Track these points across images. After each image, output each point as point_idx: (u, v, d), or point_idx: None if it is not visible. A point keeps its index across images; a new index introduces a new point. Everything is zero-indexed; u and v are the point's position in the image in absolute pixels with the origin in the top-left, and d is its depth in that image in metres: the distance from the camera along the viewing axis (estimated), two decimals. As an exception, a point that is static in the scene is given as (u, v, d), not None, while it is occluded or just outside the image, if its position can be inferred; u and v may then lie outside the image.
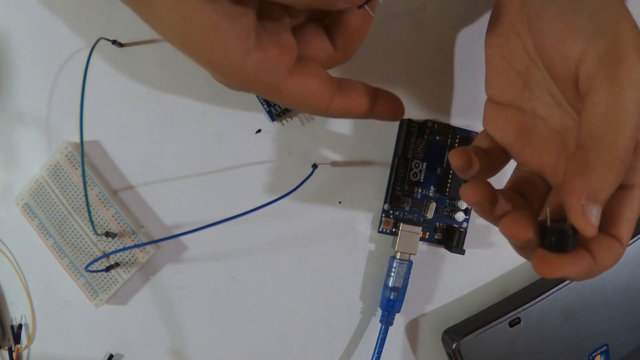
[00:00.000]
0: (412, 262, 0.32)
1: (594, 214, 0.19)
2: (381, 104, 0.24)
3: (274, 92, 0.22)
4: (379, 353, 0.32)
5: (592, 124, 0.19)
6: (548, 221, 0.21)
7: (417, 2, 0.32)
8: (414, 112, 0.33)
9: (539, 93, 0.24)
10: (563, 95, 0.22)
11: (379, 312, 0.33)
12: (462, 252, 0.32)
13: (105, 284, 0.34)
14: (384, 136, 0.33)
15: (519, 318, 0.31)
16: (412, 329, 0.34)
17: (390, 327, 0.33)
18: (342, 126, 0.33)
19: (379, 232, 0.33)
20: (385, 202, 0.32)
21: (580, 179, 0.19)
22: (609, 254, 0.20)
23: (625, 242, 0.20)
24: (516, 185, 0.24)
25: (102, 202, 0.33)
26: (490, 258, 0.33)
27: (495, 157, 0.25)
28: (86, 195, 0.32)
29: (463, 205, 0.32)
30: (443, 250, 0.33)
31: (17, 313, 0.36)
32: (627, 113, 0.18)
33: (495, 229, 0.33)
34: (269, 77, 0.21)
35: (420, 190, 0.32)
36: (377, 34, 0.32)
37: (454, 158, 0.23)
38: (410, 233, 0.32)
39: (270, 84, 0.21)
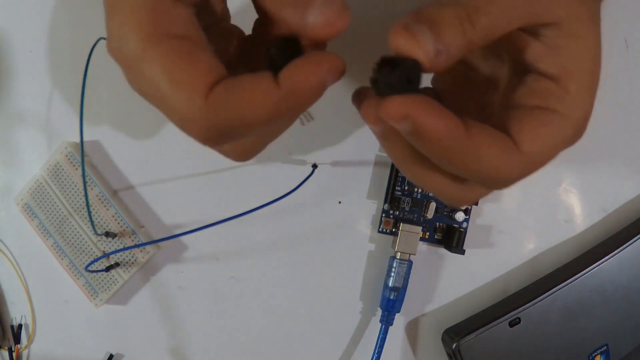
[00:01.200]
0: (412, 262, 0.32)
1: (424, 34, 0.16)
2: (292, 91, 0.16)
3: (133, 53, 0.16)
4: (379, 353, 0.32)
5: None
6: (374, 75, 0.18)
7: (417, 2, 0.32)
8: (414, 112, 0.33)
9: (490, 59, 0.23)
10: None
11: (379, 312, 0.33)
12: (462, 252, 0.32)
13: (105, 284, 0.34)
14: (384, 136, 0.33)
15: (519, 318, 0.31)
16: (412, 329, 0.34)
17: (390, 327, 0.33)
18: (342, 126, 0.33)
19: (379, 232, 0.33)
20: (385, 202, 0.32)
21: (418, 8, 0.17)
22: (494, 144, 0.17)
23: (527, 153, 0.18)
24: None
25: (102, 202, 0.33)
26: (490, 258, 0.33)
27: None
28: (86, 195, 0.32)
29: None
30: (443, 250, 0.33)
31: (17, 313, 0.36)
32: None
33: (496, 229, 0.33)
34: (145, 25, 0.16)
35: (420, 190, 0.32)
36: (377, 34, 0.32)
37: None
38: (410, 233, 0.32)
39: (140, 34, 0.16)
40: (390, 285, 0.32)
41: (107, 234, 0.33)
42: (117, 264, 0.33)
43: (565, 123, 0.18)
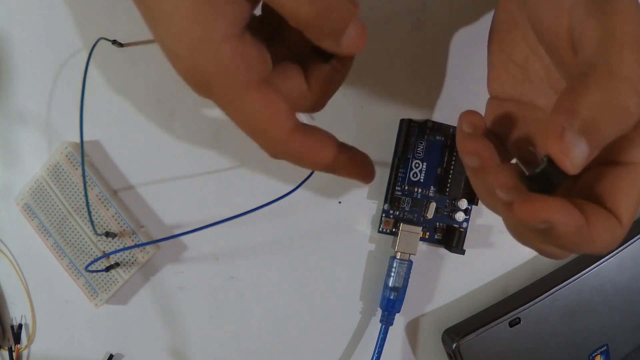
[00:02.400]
0: (412, 262, 0.32)
1: (577, 145, 0.16)
2: (348, 158, 0.22)
3: (235, 97, 0.19)
4: (379, 353, 0.32)
5: (587, 56, 0.17)
6: (522, 168, 0.19)
7: (417, 2, 0.32)
8: (414, 112, 0.33)
9: (537, 83, 0.23)
10: (560, 65, 0.21)
11: (379, 312, 0.33)
12: (462, 252, 0.32)
13: (105, 284, 0.34)
14: (384, 136, 0.33)
15: (519, 318, 0.31)
16: (412, 329, 0.34)
17: (390, 327, 0.33)
18: (342, 126, 0.33)
19: (379, 232, 0.33)
20: (385, 202, 0.32)
21: (568, 98, 0.16)
22: (605, 227, 0.18)
23: (625, 221, 0.18)
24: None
25: (102, 202, 0.33)
26: (490, 258, 0.33)
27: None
28: (86, 195, 0.32)
29: (463, 205, 0.32)
30: (443, 250, 0.33)
31: (17, 313, 0.36)
32: (623, 35, 0.16)
33: (496, 229, 0.33)
34: (239, 75, 0.19)
35: (420, 190, 0.32)
36: (377, 34, 0.32)
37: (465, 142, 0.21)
38: (410, 233, 0.32)
39: (237, 84, 0.19)
40: (390, 285, 0.32)
41: (107, 234, 0.33)
42: (117, 264, 0.33)
43: None
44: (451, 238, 0.32)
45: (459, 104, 0.33)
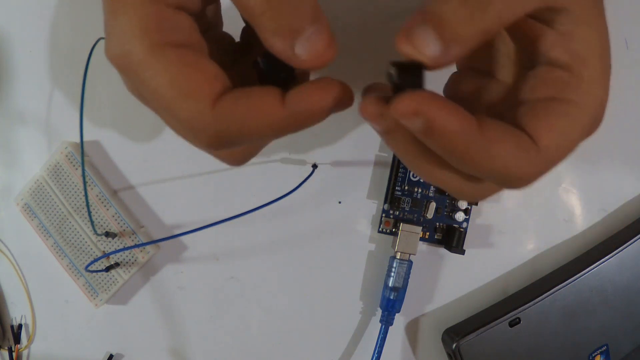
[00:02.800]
0: (412, 262, 0.32)
1: (423, 36, 0.16)
2: (304, 108, 0.18)
3: (147, 61, 0.16)
4: (379, 353, 0.32)
5: None
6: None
7: (417, 2, 0.32)
8: (414, 112, 0.33)
9: (498, 57, 0.22)
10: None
11: (379, 312, 0.33)
12: (462, 252, 0.32)
13: (105, 284, 0.34)
14: (384, 136, 0.33)
15: (519, 318, 0.31)
16: (412, 329, 0.34)
17: (390, 327, 0.33)
18: (342, 126, 0.33)
19: (379, 232, 0.33)
20: (385, 202, 0.32)
21: (421, 5, 0.16)
22: (510, 140, 0.17)
23: (545, 149, 0.17)
24: None
25: (102, 202, 0.33)
26: (490, 258, 0.33)
27: None
28: (86, 195, 0.32)
29: (463, 205, 0.32)
30: (443, 250, 0.33)
31: (17, 313, 0.36)
32: None
33: (496, 229, 0.33)
34: (152, 35, 0.16)
35: (420, 190, 0.32)
36: (377, 34, 0.32)
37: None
38: (410, 233, 0.32)
39: (149, 44, 0.16)
40: (390, 285, 0.32)
41: (107, 234, 0.33)
42: (117, 264, 0.33)
43: (582, 112, 0.18)
44: (451, 238, 0.32)
45: (459, 104, 0.33)
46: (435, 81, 0.22)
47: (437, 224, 0.33)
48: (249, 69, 0.19)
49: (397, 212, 0.32)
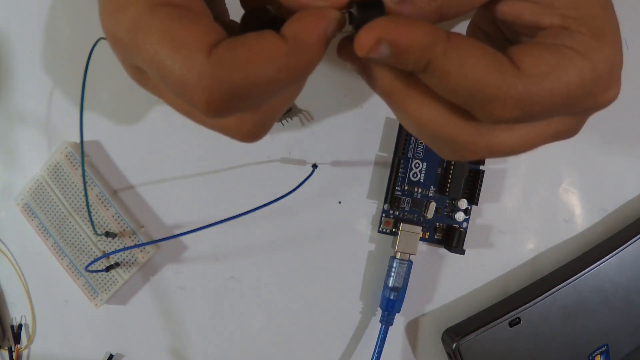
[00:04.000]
0: (412, 262, 0.32)
1: None
2: (305, 48, 0.16)
3: (141, 21, 0.15)
4: (379, 353, 0.32)
5: None
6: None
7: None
8: (414, 112, 0.33)
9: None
10: None
11: (379, 312, 0.33)
12: (462, 252, 0.32)
13: (105, 284, 0.34)
14: (384, 136, 0.33)
15: (519, 318, 0.31)
16: (412, 329, 0.34)
17: (390, 327, 0.33)
18: (342, 126, 0.33)
19: (379, 232, 0.33)
20: (385, 202, 0.32)
21: None
22: (483, 55, 0.16)
23: (527, 72, 0.16)
24: None
25: (102, 202, 0.33)
26: (490, 258, 0.33)
27: None
28: (86, 195, 0.32)
29: (463, 205, 0.32)
30: (443, 250, 0.33)
31: (17, 313, 0.36)
32: None
33: (496, 229, 0.33)
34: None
35: (420, 190, 0.32)
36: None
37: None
38: (410, 233, 0.32)
39: (141, 4, 0.15)
40: (390, 285, 0.32)
41: (107, 234, 0.33)
42: (117, 264, 0.33)
43: (582, 60, 0.16)
44: (451, 238, 0.32)
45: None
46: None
47: (437, 224, 0.33)
48: None
49: (397, 212, 0.32)
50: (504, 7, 0.19)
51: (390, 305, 0.32)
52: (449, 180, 0.32)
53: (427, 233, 0.33)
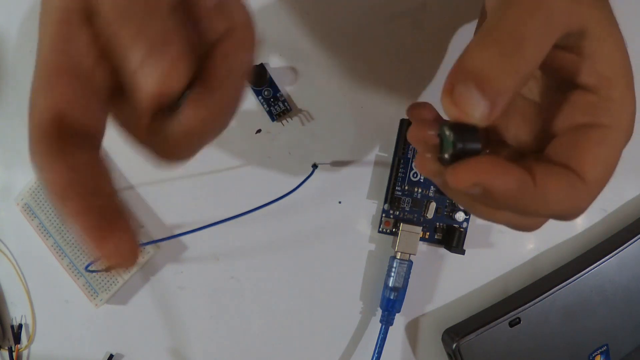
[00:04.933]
0: (412, 262, 0.32)
1: (469, 96, 0.16)
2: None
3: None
4: (379, 353, 0.32)
5: (486, 18, 0.17)
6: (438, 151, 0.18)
7: (417, 2, 0.32)
8: (414, 112, 0.33)
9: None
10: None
11: (379, 312, 0.33)
12: (462, 252, 0.32)
13: (105, 284, 0.34)
14: (384, 136, 0.33)
15: (519, 318, 0.31)
16: (412, 329, 0.34)
17: (390, 327, 0.33)
18: (342, 126, 0.33)
19: (379, 232, 0.33)
20: (385, 202, 0.32)
21: (460, 57, 0.17)
22: (560, 184, 0.17)
23: (590, 177, 0.18)
24: None
25: (102, 202, 0.33)
26: (490, 258, 0.33)
27: None
28: (86, 195, 0.32)
29: (463, 205, 0.32)
30: (443, 250, 0.33)
31: (17, 313, 0.36)
32: None
33: (496, 229, 0.33)
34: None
35: (420, 190, 0.32)
36: (377, 34, 0.32)
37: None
38: (410, 233, 0.32)
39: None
40: (390, 285, 0.32)
41: (107, 234, 0.33)
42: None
43: (618, 134, 0.18)
44: (451, 238, 0.32)
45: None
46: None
47: (437, 224, 0.33)
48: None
49: (397, 212, 0.32)
50: (549, 58, 0.19)
51: (390, 305, 0.32)
52: (449, 180, 0.32)
53: (427, 233, 0.33)
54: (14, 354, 0.35)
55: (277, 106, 0.32)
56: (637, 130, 0.32)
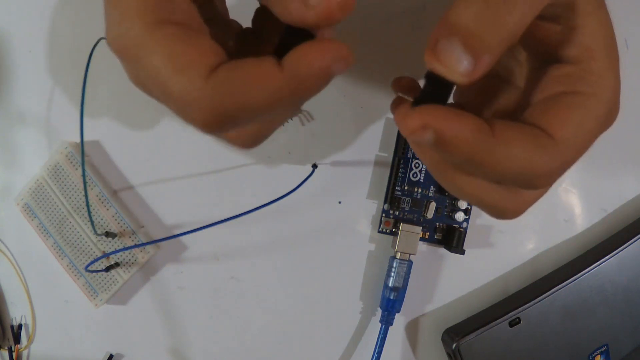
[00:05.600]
0: (412, 262, 0.32)
1: (453, 53, 0.16)
2: (304, 71, 0.16)
3: (143, 39, 0.16)
4: (379, 353, 0.32)
5: None
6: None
7: (417, 2, 0.32)
8: (414, 112, 0.33)
9: (508, 59, 0.23)
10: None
11: (379, 312, 0.33)
12: (462, 252, 0.32)
13: (105, 284, 0.34)
14: (384, 136, 0.33)
15: (519, 318, 0.31)
16: (412, 329, 0.34)
17: (390, 327, 0.33)
18: (342, 126, 0.33)
19: (379, 232, 0.33)
20: (385, 202, 0.32)
21: (446, 13, 0.16)
22: (526, 138, 0.17)
23: (561, 139, 0.17)
24: None
25: (102, 202, 0.33)
26: (490, 258, 0.33)
27: None
28: (86, 195, 0.32)
29: (463, 205, 0.32)
30: (443, 250, 0.33)
31: (17, 313, 0.36)
32: None
33: (496, 228, 0.33)
34: (148, 13, 0.16)
35: (420, 190, 0.32)
36: (377, 34, 0.32)
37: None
38: (410, 233, 0.32)
39: (144, 22, 0.16)
40: (390, 285, 0.32)
41: (107, 234, 0.33)
42: (117, 264, 0.33)
43: (596, 103, 0.18)
44: (451, 238, 0.32)
45: (459, 104, 0.33)
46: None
47: (437, 224, 0.33)
48: (263, 53, 0.19)
49: (397, 212, 0.32)
50: (534, 29, 0.19)
51: (390, 305, 0.32)
52: (449, 180, 0.32)
53: (427, 233, 0.33)
54: (14, 354, 0.35)
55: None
56: (636, 130, 0.33)
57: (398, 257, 0.32)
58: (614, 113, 0.19)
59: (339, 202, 0.33)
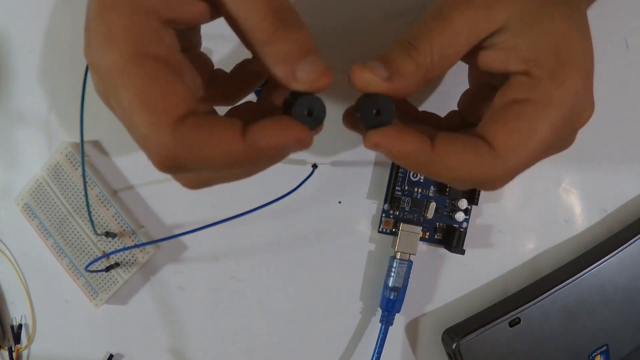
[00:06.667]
0: (412, 262, 0.32)
1: (372, 66, 0.19)
2: (266, 144, 0.18)
3: (118, 69, 0.16)
4: (379, 353, 0.32)
5: None
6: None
7: (417, 2, 0.32)
8: (414, 112, 0.33)
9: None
10: None
11: (379, 312, 0.33)
12: (462, 252, 0.32)
13: (105, 284, 0.34)
14: (384, 136, 0.33)
15: (519, 318, 0.31)
16: (412, 329, 0.34)
17: (390, 327, 0.33)
18: (342, 126, 0.33)
19: (379, 232, 0.33)
20: (385, 202, 0.32)
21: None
22: (464, 151, 0.19)
23: (503, 149, 0.19)
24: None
25: (102, 202, 0.33)
26: (490, 258, 0.33)
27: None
28: (86, 195, 0.32)
29: (463, 205, 0.32)
30: (443, 250, 0.33)
31: (17, 313, 0.36)
32: None
33: (496, 228, 0.33)
34: (126, 44, 0.16)
35: (420, 190, 0.32)
36: (377, 34, 0.32)
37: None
38: (410, 233, 0.32)
39: (122, 53, 0.16)
40: (390, 285, 0.32)
41: (107, 234, 0.33)
42: (117, 264, 0.33)
43: (546, 109, 0.19)
44: (451, 238, 0.32)
45: (459, 104, 0.33)
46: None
47: (437, 224, 0.33)
48: (235, 97, 0.22)
49: (397, 212, 0.32)
50: (479, 60, 0.21)
51: (390, 305, 0.32)
52: (449, 180, 0.32)
53: (427, 233, 0.33)
54: (14, 354, 0.35)
55: (277, 106, 0.32)
56: (636, 130, 0.33)
57: (398, 257, 0.32)
58: (583, 113, 0.20)
59: (339, 202, 0.33)
